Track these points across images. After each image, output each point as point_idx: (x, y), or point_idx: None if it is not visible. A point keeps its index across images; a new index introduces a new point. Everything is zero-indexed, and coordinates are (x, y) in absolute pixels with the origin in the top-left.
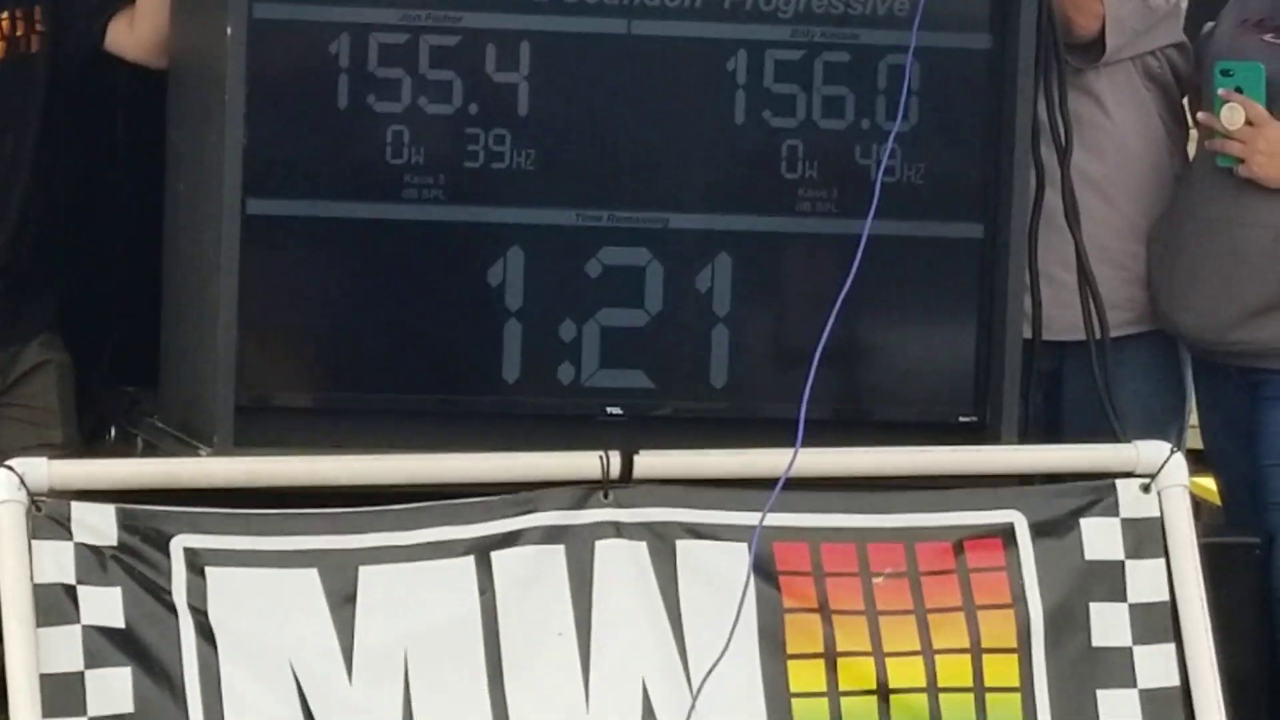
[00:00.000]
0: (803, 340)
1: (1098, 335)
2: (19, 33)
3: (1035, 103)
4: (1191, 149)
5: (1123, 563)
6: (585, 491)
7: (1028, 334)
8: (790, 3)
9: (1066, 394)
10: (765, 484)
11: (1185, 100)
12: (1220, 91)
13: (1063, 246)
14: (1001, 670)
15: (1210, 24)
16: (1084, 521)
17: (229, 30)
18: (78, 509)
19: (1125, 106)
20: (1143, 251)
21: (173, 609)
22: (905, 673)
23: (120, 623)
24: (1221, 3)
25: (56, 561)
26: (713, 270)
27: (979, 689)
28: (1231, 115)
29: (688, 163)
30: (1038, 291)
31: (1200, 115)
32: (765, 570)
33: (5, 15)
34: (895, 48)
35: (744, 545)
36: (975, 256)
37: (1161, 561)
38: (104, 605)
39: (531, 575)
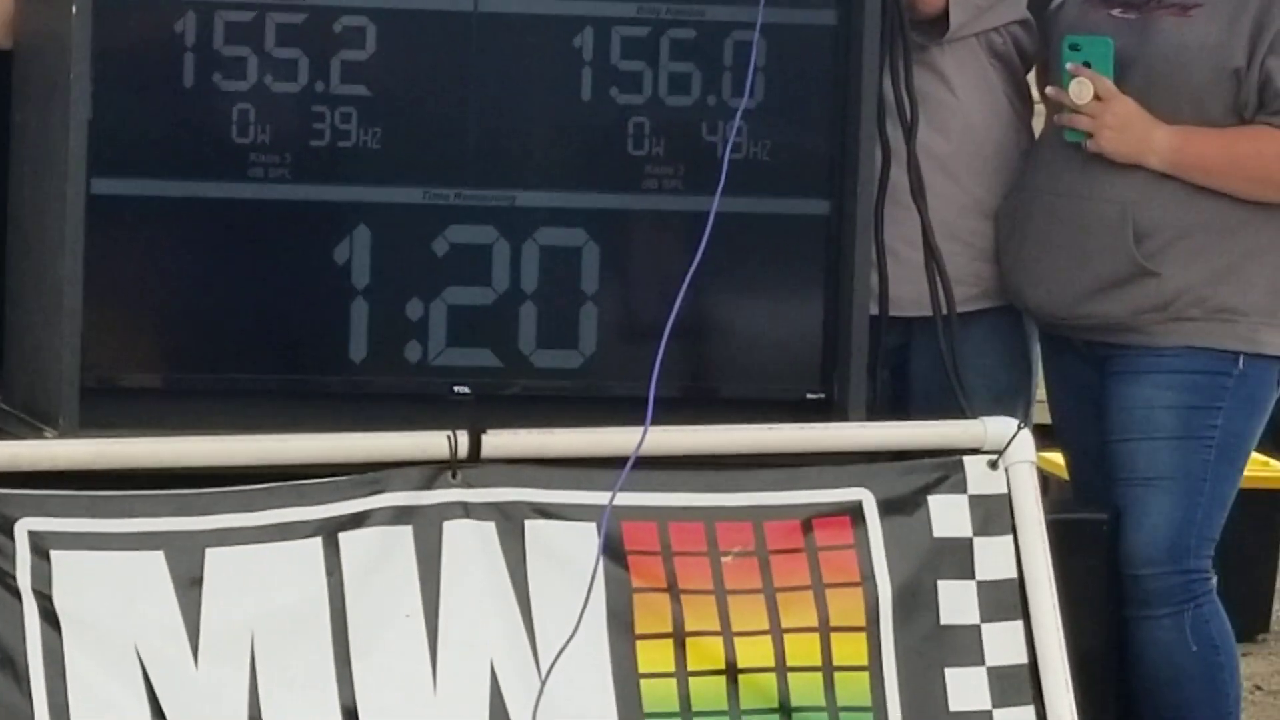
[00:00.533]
0: (651, 318)
1: (944, 311)
2: None
3: (880, 80)
4: (1038, 125)
5: (971, 540)
6: (433, 471)
7: (875, 311)
8: None
9: (914, 370)
10: (615, 463)
11: (1032, 75)
12: (1069, 66)
13: (908, 223)
14: (850, 649)
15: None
16: (932, 499)
17: (74, 8)
18: None
19: (970, 84)
20: (988, 228)
21: (17, 594)
22: (754, 652)
23: None
24: None
25: None
26: (560, 248)
27: (827, 668)
28: (1080, 90)
29: (535, 140)
30: (884, 268)
31: (1049, 90)
32: (614, 550)
33: None
34: (741, 24)
35: (592, 525)
36: (821, 233)
37: (1009, 538)
38: None
39: (379, 556)
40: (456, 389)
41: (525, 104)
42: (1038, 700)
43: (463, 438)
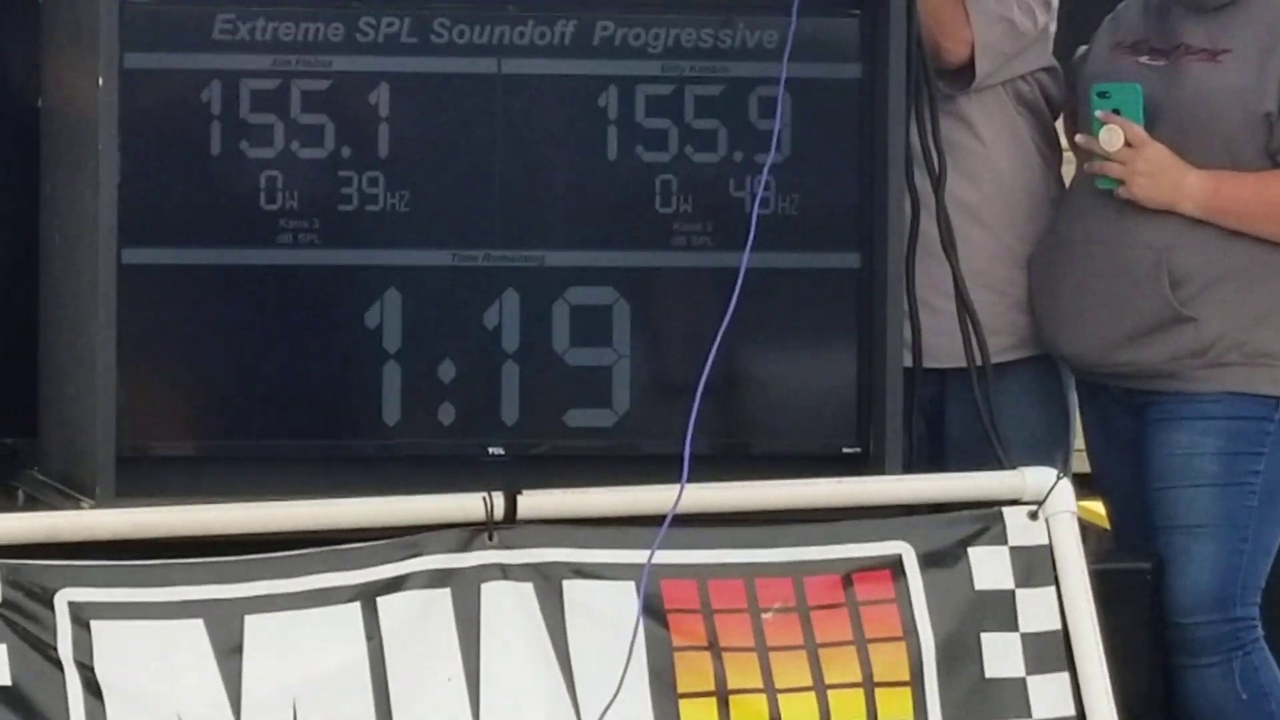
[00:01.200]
0: (683, 375)
1: (978, 362)
2: None
3: (908, 130)
4: (1067, 172)
5: (1013, 592)
6: (470, 534)
7: (908, 362)
8: (659, 37)
9: (949, 421)
10: (651, 521)
11: (1059, 123)
12: (1098, 114)
13: (940, 273)
14: (895, 704)
15: (1083, 48)
16: (972, 551)
17: (100, 80)
18: None
19: (998, 131)
20: (1021, 276)
21: (59, 665)
22: (798, 709)
23: (7, 680)
24: (1090, 27)
25: None
26: (590, 307)
27: None
28: (1110, 137)
29: (562, 200)
30: (917, 319)
31: (1079, 138)
32: (654, 608)
33: None
34: (766, 79)
35: (631, 584)
36: (853, 286)
37: (1052, 589)
38: None
39: (418, 620)
40: (490, 450)
41: (551, 164)
42: None
43: (498, 499)
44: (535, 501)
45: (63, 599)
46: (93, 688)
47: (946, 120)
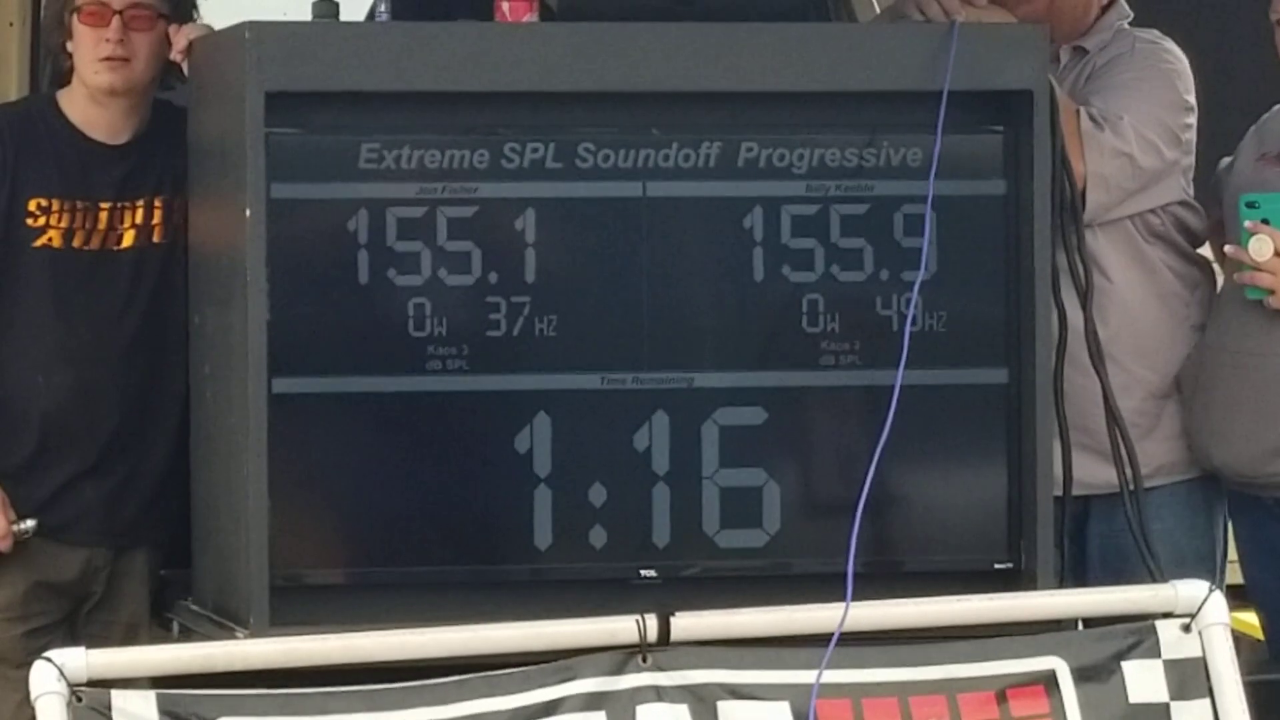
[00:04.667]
0: (833, 494)
1: (1128, 473)
2: (154, 221)
3: (1054, 246)
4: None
5: (1168, 705)
6: (624, 656)
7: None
8: (804, 158)
9: (1090, 538)
10: (802, 641)
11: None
12: (1247, 224)
13: (1081, 400)
14: None
15: (1227, 159)
16: (1126, 664)
17: (248, 211)
18: (118, 697)
19: (1125, 266)
20: (1153, 407)
21: None
22: None
23: None
24: (1233, 138)
25: None
26: (739, 427)
27: None
28: (1260, 246)
29: (709, 321)
30: (1067, 439)
31: (1228, 248)
32: None
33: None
34: (910, 197)
35: (786, 704)
36: (1001, 401)
37: (1207, 701)
38: None
39: None
40: (642, 573)
41: (698, 286)
42: None
43: (651, 621)
44: (688, 623)
45: None
46: None
47: None
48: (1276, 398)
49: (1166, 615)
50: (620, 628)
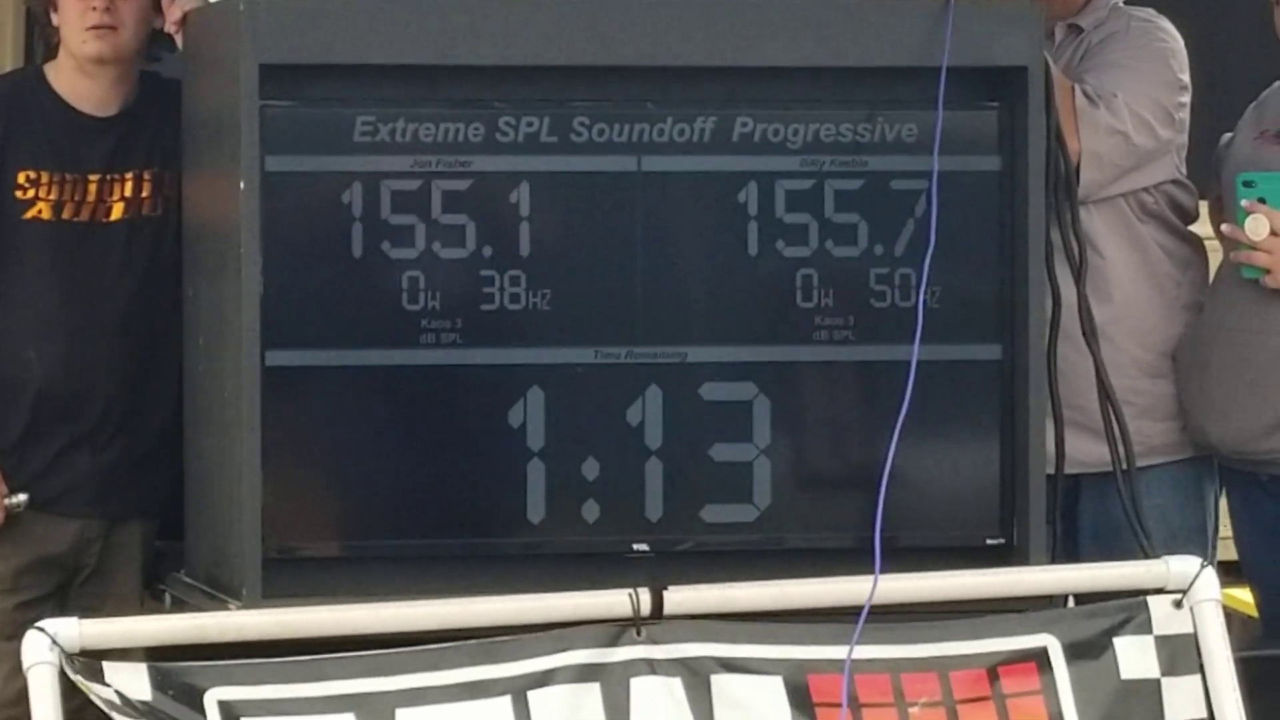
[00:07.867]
0: (825, 469)
1: (1120, 448)
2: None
3: (1048, 222)
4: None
5: (1159, 680)
6: (618, 629)
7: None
8: (799, 133)
9: (1081, 515)
10: (794, 615)
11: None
12: (1243, 203)
13: (1074, 378)
14: None
15: (1227, 136)
16: (1118, 641)
17: (242, 184)
18: (110, 669)
19: (1119, 244)
20: (1148, 385)
21: None
22: None
23: None
24: (1232, 115)
25: None
26: (731, 403)
27: None
28: (1256, 226)
29: (703, 296)
30: (1060, 416)
31: (1224, 227)
32: (800, 702)
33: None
34: (905, 173)
35: (778, 678)
36: (995, 377)
37: (1198, 678)
38: None
39: (569, 714)
40: (635, 547)
41: (692, 260)
42: None
43: (644, 595)
44: (681, 597)
45: (212, 698)
46: None
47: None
48: (1272, 375)
49: (1158, 591)
50: (613, 601)
